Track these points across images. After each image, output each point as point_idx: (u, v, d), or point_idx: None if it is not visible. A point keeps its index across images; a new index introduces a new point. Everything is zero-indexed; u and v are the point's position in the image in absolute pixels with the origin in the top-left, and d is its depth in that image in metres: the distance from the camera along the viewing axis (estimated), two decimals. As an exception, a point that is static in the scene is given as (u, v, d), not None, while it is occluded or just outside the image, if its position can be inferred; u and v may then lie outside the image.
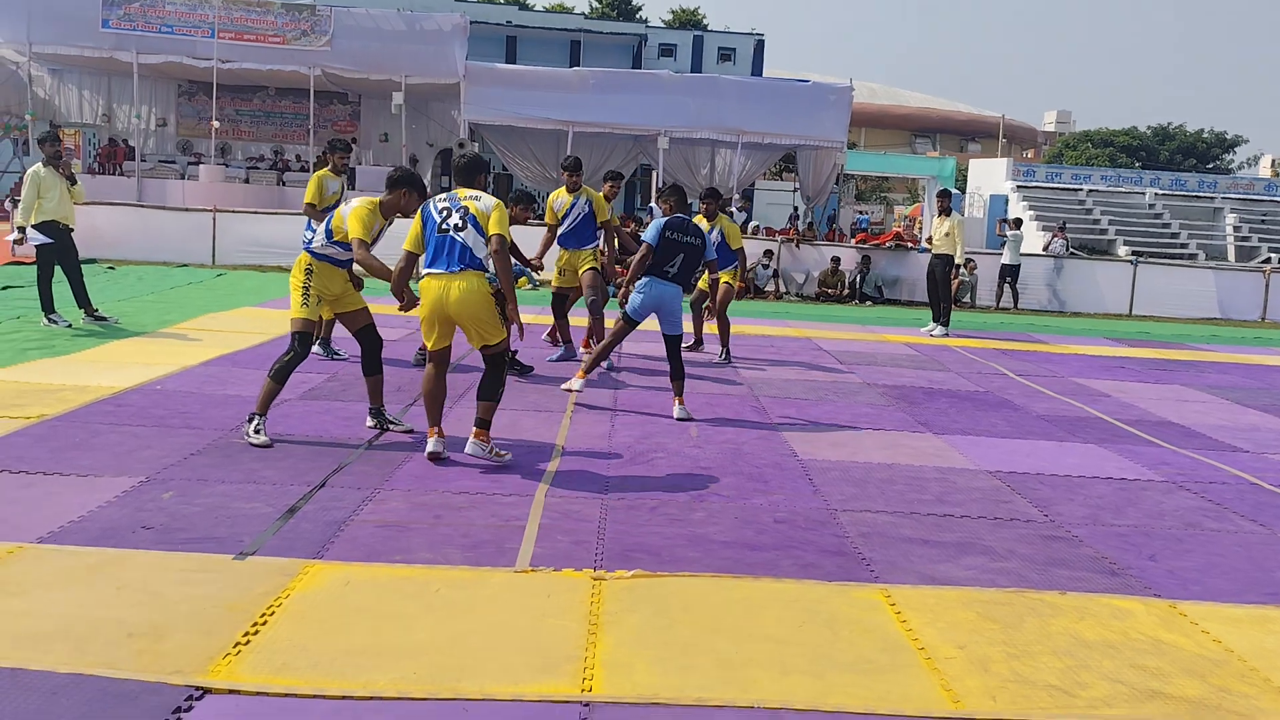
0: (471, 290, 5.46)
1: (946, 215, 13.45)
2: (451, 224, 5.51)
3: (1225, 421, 8.35)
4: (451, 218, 5.53)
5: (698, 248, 7.47)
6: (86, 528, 4.32)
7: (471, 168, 5.83)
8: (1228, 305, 19.13)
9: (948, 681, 3.37)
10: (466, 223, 5.50)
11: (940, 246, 13.38)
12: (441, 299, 5.48)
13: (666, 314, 7.37)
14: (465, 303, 5.47)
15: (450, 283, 5.46)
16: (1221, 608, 4.19)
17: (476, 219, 5.50)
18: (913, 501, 5.45)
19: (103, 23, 21.09)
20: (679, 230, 7.42)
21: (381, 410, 6.39)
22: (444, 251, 5.50)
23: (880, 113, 65.40)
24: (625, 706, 3.10)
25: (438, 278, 5.50)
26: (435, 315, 5.57)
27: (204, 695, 3.02)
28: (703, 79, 25.05)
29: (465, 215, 5.52)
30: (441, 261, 5.50)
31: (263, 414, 5.88)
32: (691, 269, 7.53)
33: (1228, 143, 57.38)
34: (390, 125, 24.76)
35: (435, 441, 5.64)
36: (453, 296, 5.46)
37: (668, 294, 7.37)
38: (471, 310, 5.50)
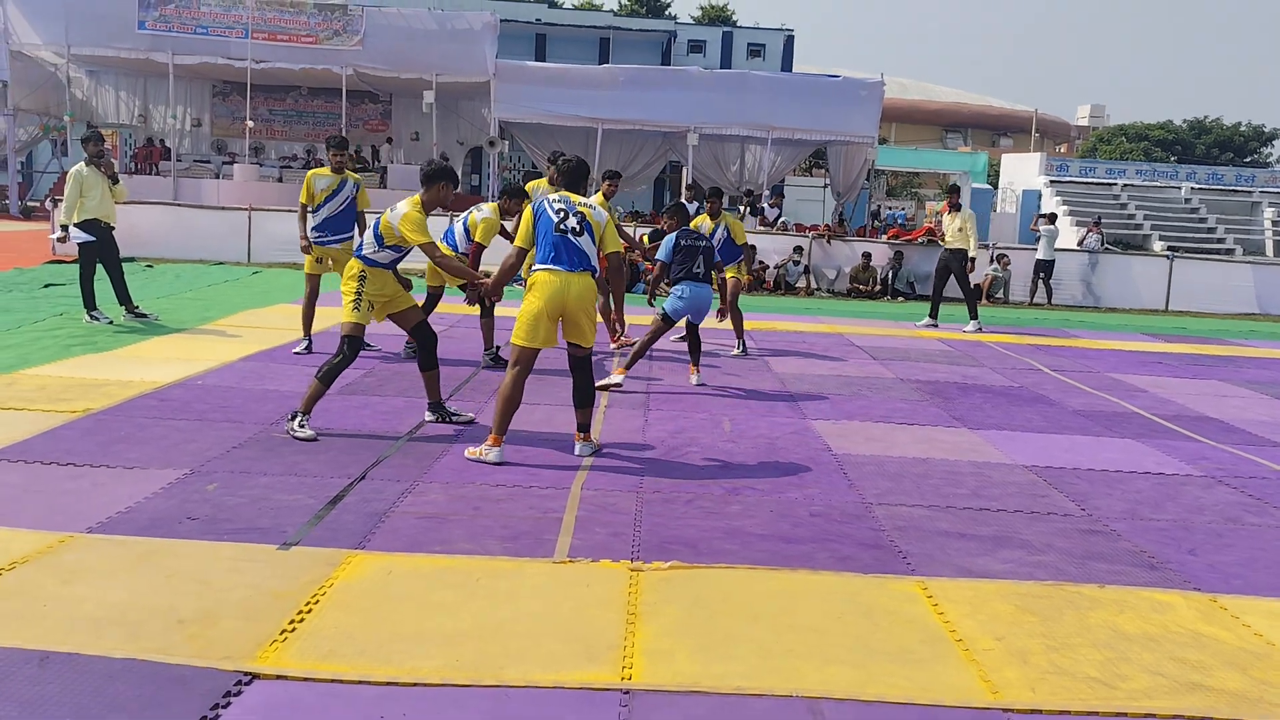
0: (589, 289, 5.72)
1: (957, 211, 13.47)
2: (570, 226, 5.70)
3: (1265, 417, 8.26)
4: (569, 220, 5.72)
5: (709, 247, 8.41)
6: (134, 518, 4.41)
7: (578, 172, 6.02)
8: (1266, 300, 18.87)
9: (986, 672, 3.38)
10: (583, 229, 5.73)
11: (954, 242, 13.33)
12: (562, 293, 5.64)
13: (699, 312, 8.29)
14: (583, 299, 5.70)
15: (570, 279, 5.65)
16: (1263, 601, 4.16)
17: (593, 228, 5.76)
18: (948, 495, 5.45)
19: (139, 24, 21.42)
20: (689, 236, 8.28)
21: (442, 404, 6.51)
22: (564, 251, 5.67)
23: (911, 108, 64.95)
24: (666, 694, 3.14)
25: (557, 273, 5.65)
26: (552, 308, 5.67)
27: (253, 680, 3.08)
28: (732, 75, 25.03)
29: (582, 222, 5.75)
30: (562, 260, 5.66)
31: (306, 413, 5.97)
32: (710, 266, 8.33)
33: (1265, 136, 56.47)
34: (421, 124, 24.96)
35: (499, 452, 5.61)
36: (573, 292, 5.65)
37: (703, 295, 8.19)
38: (586, 308, 5.74)
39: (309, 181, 8.64)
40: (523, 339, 5.69)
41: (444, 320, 11.33)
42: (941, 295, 13.78)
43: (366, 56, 21.98)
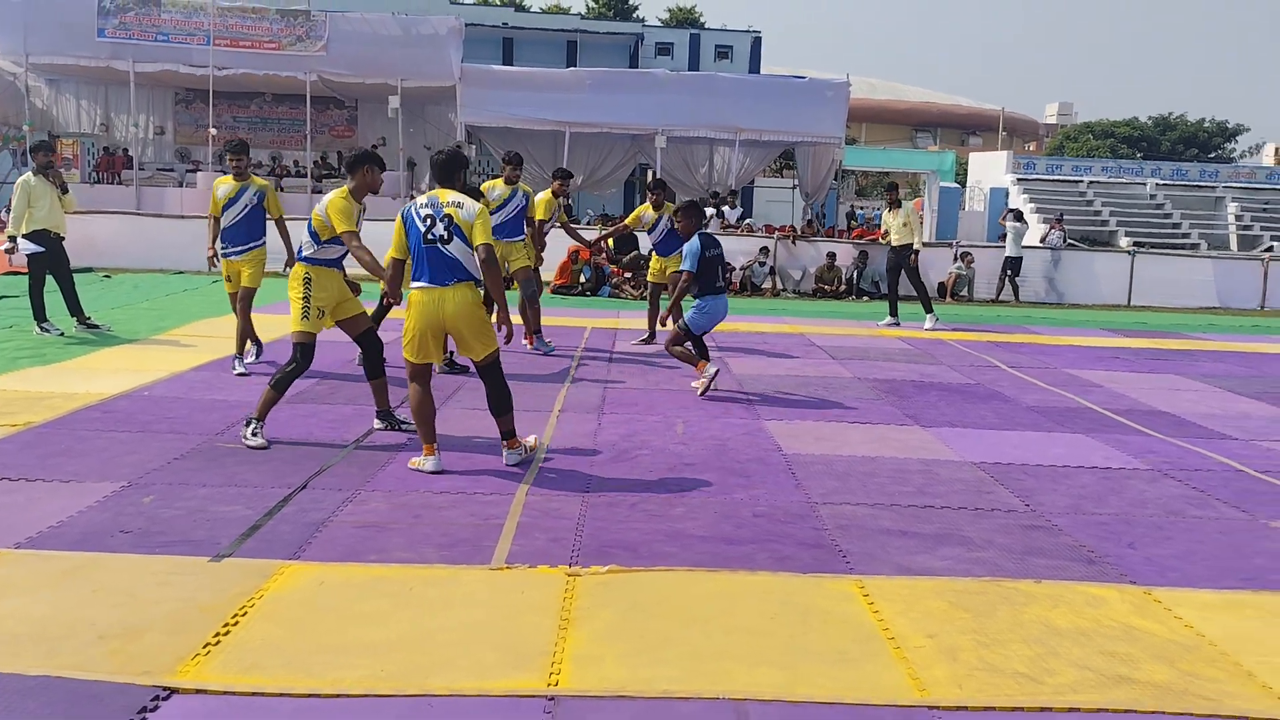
0: (467, 302, 5.42)
1: (897, 207, 13.59)
2: (437, 234, 5.38)
3: (1217, 410, 8.34)
4: (436, 227, 5.39)
5: (722, 256, 8.22)
6: (65, 532, 4.35)
7: (451, 164, 5.61)
8: (1226, 294, 19.08)
9: (915, 670, 3.38)
10: (452, 234, 5.38)
11: (900, 238, 13.39)
12: (436, 312, 5.40)
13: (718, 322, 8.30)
14: (461, 315, 5.42)
15: (444, 295, 5.39)
16: (1196, 593, 4.19)
17: (461, 230, 5.39)
18: (894, 494, 5.46)
19: (99, 32, 21.18)
20: (712, 246, 8.06)
21: (390, 412, 6.46)
22: (434, 265, 5.39)
23: (880, 108, 65.32)
24: (591, 700, 3.12)
25: (429, 291, 5.40)
26: (429, 329, 5.46)
27: (170, 695, 3.04)
28: (700, 77, 25.06)
29: (450, 225, 5.38)
30: (432, 275, 5.39)
31: (260, 419, 5.93)
32: (724, 277, 8.29)
33: (1229, 132, 57.16)
34: (387, 129, 24.80)
35: (435, 460, 5.51)
36: (448, 310, 5.40)
37: (723, 308, 8.16)
38: (468, 322, 5.45)
39: (213, 190, 8.21)
40: (409, 354, 5.55)
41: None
42: (897, 293, 13.86)
43: (330, 62, 21.82)
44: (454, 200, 5.44)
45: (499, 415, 5.72)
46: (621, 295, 16.41)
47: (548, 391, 7.93)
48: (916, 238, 13.36)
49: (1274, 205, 33.25)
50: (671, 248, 9.88)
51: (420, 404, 5.54)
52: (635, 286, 16.34)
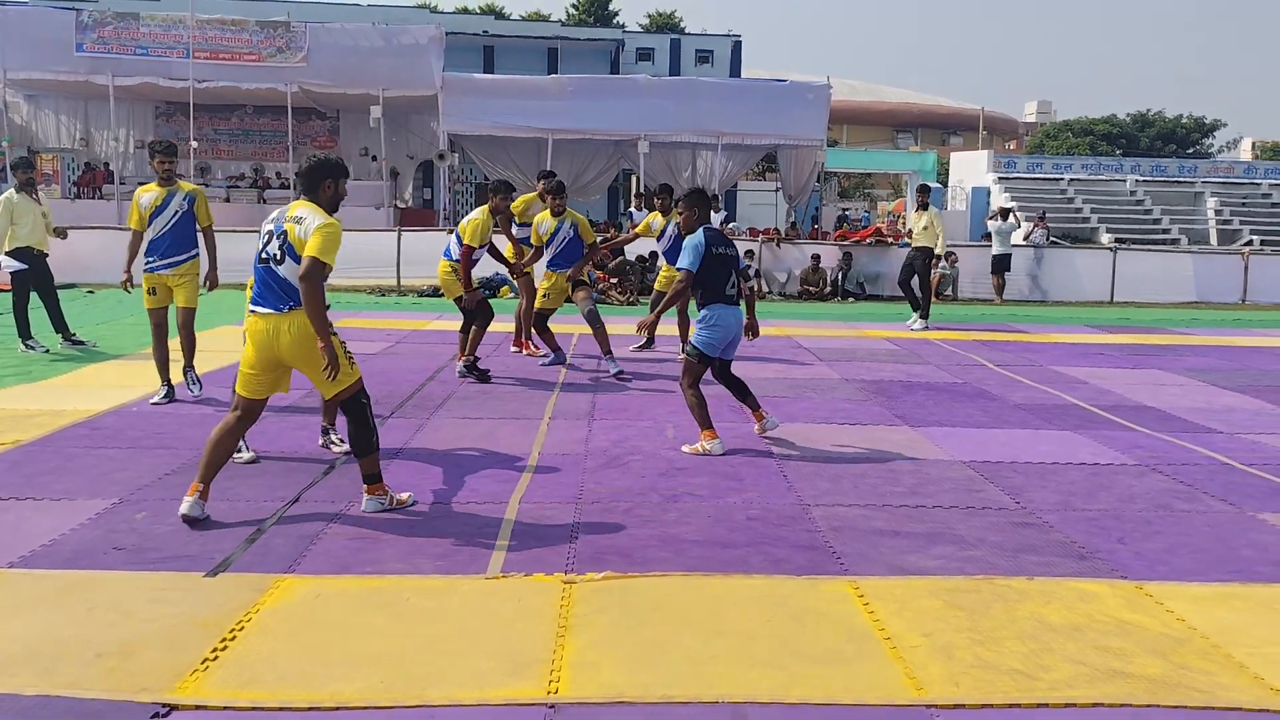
0: (306, 333, 4.67)
1: (925, 209, 13.70)
2: (271, 253, 4.71)
3: (1201, 404, 8.41)
4: (271, 244, 4.73)
5: (735, 258, 6.53)
6: (58, 551, 4.33)
7: (316, 172, 4.81)
8: (1207, 289, 19.23)
9: (911, 669, 3.41)
10: (284, 254, 4.67)
11: (920, 239, 13.55)
12: (271, 342, 4.72)
13: (736, 342, 6.54)
14: (298, 347, 4.71)
15: (280, 324, 4.70)
16: (1186, 587, 4.23)
17: (294, 248, 4.64)
18: (885, 494, 5.49)
19: (77, 47, 21.09)
20: (720, 244, 6.40)
21: (330, 430, 6.28)
22: (267, 286, 4.72)
23: (861, 109, 65.58)
24: (590, 706, 3.13)
25: (265, 318, 4.71)
26: (263, 360, 4.78)
27: (170, 712, 3.03)
28: (681, 82, 25.13)
29: (284, 244, 4.67)
30: (267, 299, 4.72)
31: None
32: (739, 285, 6.49)
33: (1207, 127, 57.66)
34: (370, 139, 24.78)
35: (192, 503, 4.68)
36: (284, 341, 4.71)
37: (737, 321, 6.46)
38: (305, 352, 4.72)
39: (135, 200, 7.42)
40: (241, 388, 4.88)
41: (391, 336, 11.27)
42: (913, 291, 13.86)
43: (311, 73, 21.79)
44: (299, 214, 4.71)
45: (358, 455, 4.93)
46: (608, 301, 16.43)
47: (537, 399, 7.94)
48: (939, 243, 13.49)
49: (1252, 200, 33.54)
50: None
51: (219, 435, 4.83)
52: (621, 293, 16.37)
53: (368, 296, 16.06)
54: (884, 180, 45.22)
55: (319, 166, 4.82)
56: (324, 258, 4.58)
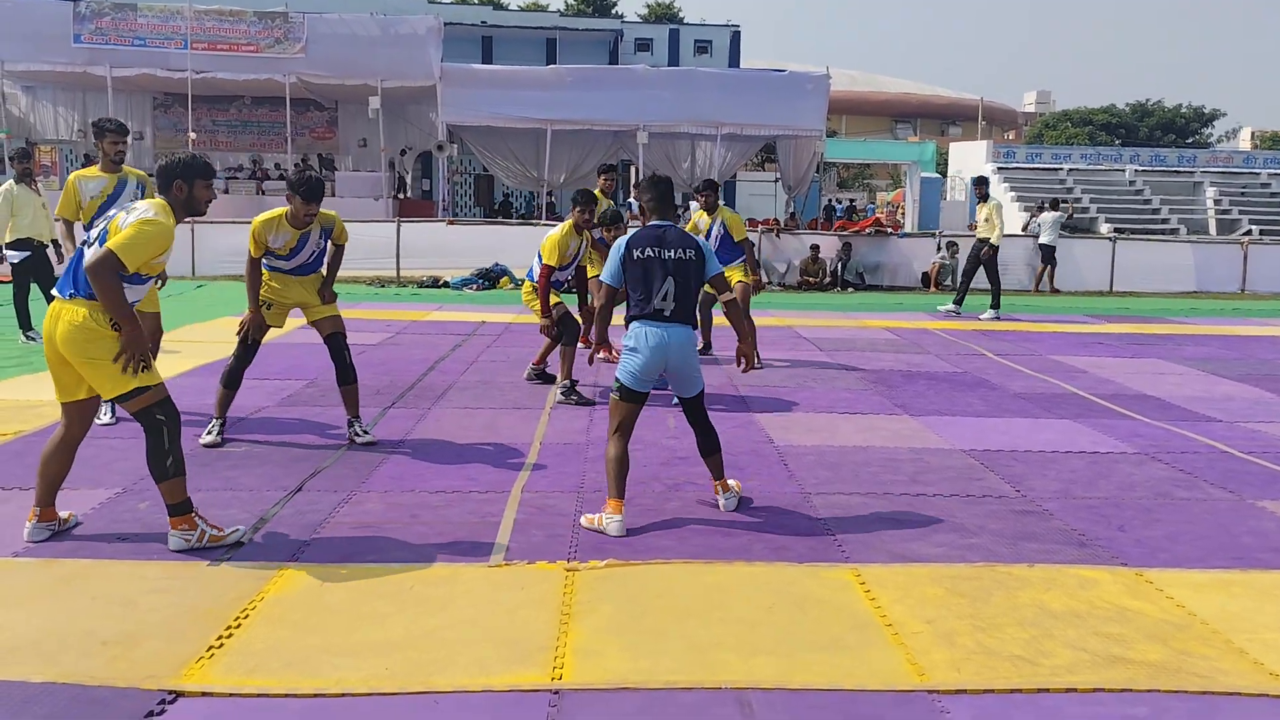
0: (77, 322, 4.07)
1: (985, 201, 13.88)
2: (92, 237, 4.23)
3: (1200, 393, 8.43)
4: (94, 229, 4.28)
5: (690, 261, 4.83)
6: (60, 541, 4.34)
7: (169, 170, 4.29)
8: (1206, 278, 19.24)
9: (913, 656, 3.42)
10: (99, 241, 4.15)
11: (981, 230, 13.81)
12: (50, 330, 4.15)
13: (675, 373, 4.90)
14: (70, 339, 4.08)
15: (61, 310, 4.13)
16: (1186, 573, 4.25)
17: (106, 235, 4.12)
18: (886, 483, 5.50)
19: (75, 38, 21.08)
20: (652, 244, 4.81)
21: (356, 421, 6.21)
22: (69, 270, 4.22)
23: (860, 100, 65.52)
24: (594, 693, 3.14)
25: (53, 304, 4.20)
26: (49, 355, 4.23)
27: (176, 699, 3.05)
28: (680, 72, 25.15)
29: (103, 231, 4.17)
30: (61, 283, 4.21)
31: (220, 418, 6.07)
32: (692, 293, 4.87)
33: (1206, 117, 57.59)
34: (368, 130, 24.77)
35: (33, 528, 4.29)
36: (59, 331, 4.11)
37: (673, 344, 4.78)
38: (76, 348, 4.08)
39: (71, 188, 6.44)
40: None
41: (391, 326, 11.28)
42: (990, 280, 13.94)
43: (309, 64, 21.79)
44: (139, 206, 4.26)
45: (156, 480, 4.29)
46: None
47: (538, 390, 7.95)
48: (996, 233, 13.54)
49: (1251, 189, 33.56)
50: (728, 256, 8.68)
51: (49, 452, 4.35)
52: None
53: (367, 288, 16.06)
54: (883, 170, 45.21)
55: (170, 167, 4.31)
56: (123, 255, 4.02)
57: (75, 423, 4.37)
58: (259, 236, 5.86)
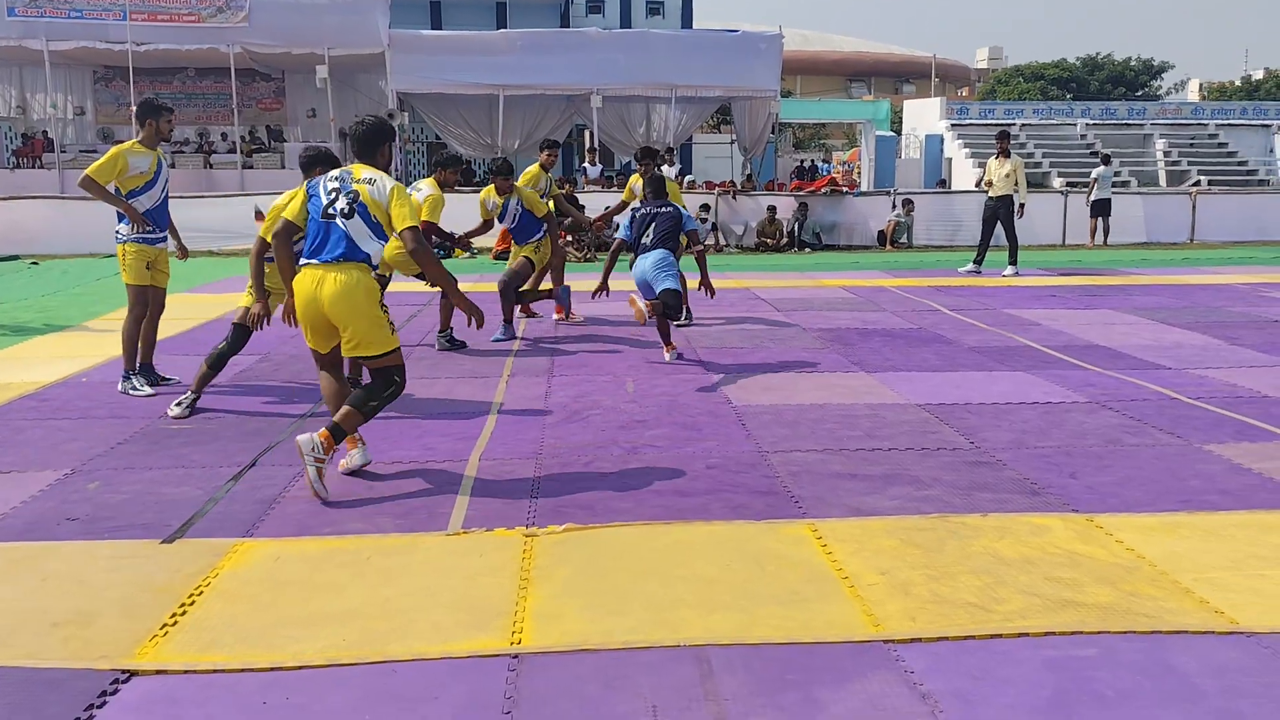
0: (352, 284, 4.59)
1: (1006, 157, 13.71)
2: (338, 208, 4.65)
3: (1150, 341, 8.57)
4: (339, 201, 4.67)
5: (669, 214, 7.77)
6: (10, 524, 4.27)
7: (372, 137, 4.81)
8: (1156, 229, 19.52)
9: (869, 607, 3.47)
10: (354, 210, 4.64)
11: (1001, 188, 13.60)
12: (314, 295, 4.62)
13: (653, 279, 7.51)
14: (340, 299, 4.58)
15: (324, 275, 4.61)
16: (1135, 518, 4.33)
17: (367, 208, 4.64)
18: (842, 439, 5.55)
19: (8, 11, 20.40)
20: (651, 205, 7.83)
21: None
22: (322, 239, 4.66)
23: (814, 59, 65.36)
24: (554, 655, 3.15)
25: (311, 269, 4.65)
26: (307, 315, 4.70)
27: (130, 678, 3.01)
28: (632, 34, 24.86)
29: (354, 201, 4.64)
30: (319, 249, 4.66)
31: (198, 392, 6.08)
32: (670, 234, 7.68)
33: (1155, 69, 58.15)
34: (317, 100, 24.29)
35: (359, 453, 4.95)
36: (326, 291, 4.59)
37: (648, 262, 7.56)
38: (348, 308, 4.60)
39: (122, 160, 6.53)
40: (309, 342, 4.90)
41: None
42: (989, 242, 13.98)
43: (254, 34, 21.27)
44: (368, 176, 4.72)
45: (348, 403, 4.72)
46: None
47: (495, 358, 7.91)
48: (1022, 190, 13.54)
49: (1200, 140, 33.99)
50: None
51: (330, 390, 4.94)
52: (578, 249, 16.28)
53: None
54: (837, 130, 45.23)
55: (376, 129, 4.81)
56: (414, 221, 4.70)
57: (336, 363, 4.93)
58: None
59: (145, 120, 6.62)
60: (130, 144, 6.67)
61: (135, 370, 6.68)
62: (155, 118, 6.63)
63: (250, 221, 17.27)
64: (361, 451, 4.98)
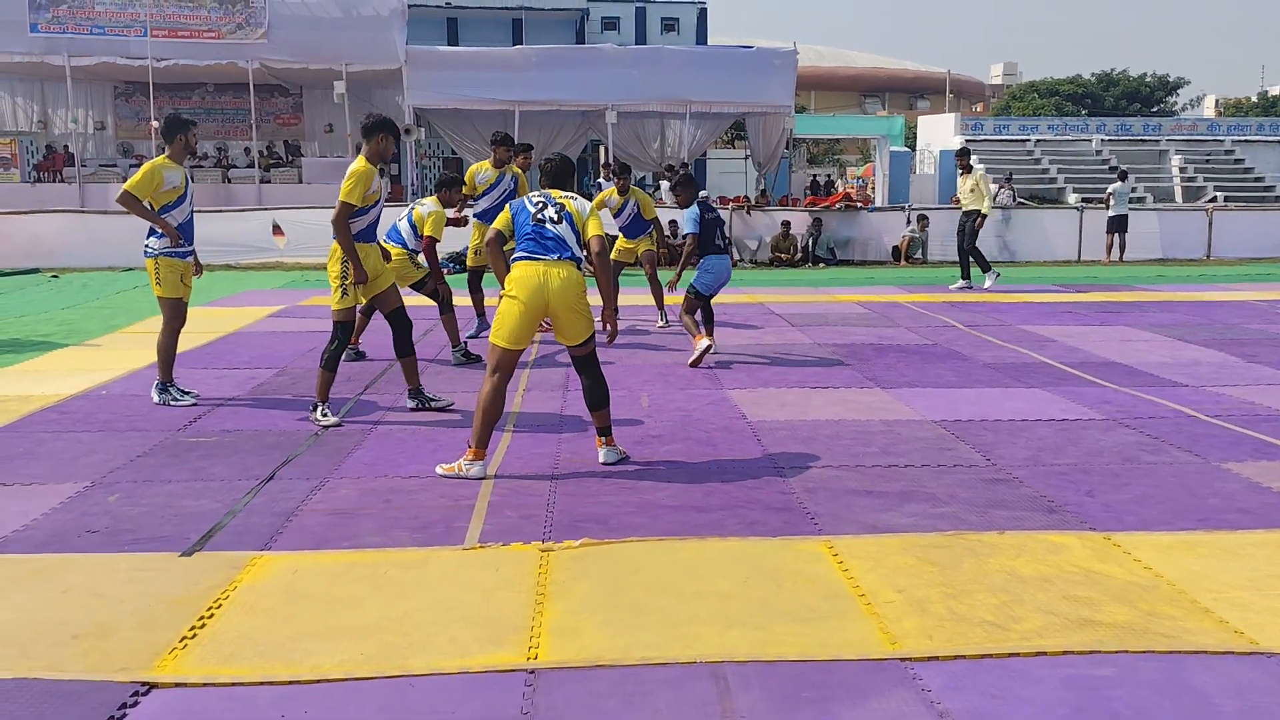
0: (572, 279, 5.20)
1: (968, 172, 13.81)
2: (548, 215, 5.29)
3: (1167, 358, 8.53)
4: (547, 210, 5.31)
5: (719, 218, 8.78)
6: (30, 535, 4.30)
7: (561, 172, 5.64)
8: (1172, 245, 19.44)
9: (886, 624, 3.46)
10: (562, 218, 5.30)
11: (968, 202, 13.70)
12: (543, 285, 5.14)
13: (722, 285, 8.63)
14: (566, 291, 5.16)
15: (550, 269, 5.17)
16: (1153, 536, 4.31)
17: (573, 217, 5.33)
18: (858, 455, 5.54)
19: (31, 27, 20.66)
20: (710, 211, 8.65)
21: (420, 390, 6.58)
22: (542, 239, 5.24)
23: (828, 75, 65.46)
24: (570, 671, 3.16)
25: (535, 262, 5.19)
26: (534, 302, 5.15)
27: (150, 690, 3.03)
28: (647, 51, 24.97)
29: (561, 211, 5.33)
30: (540, 248, 5.22)
31: (325, 401, 6.26)
32: (725, 239, 8.78)
33: (1170, 85, 57.95)
34: (334, 115, 24.47)
35: (482, 465, 5.17)
36: (554, 284, 5.15)
37: (727, 266, 8.59)
38: (571, 299, 5.18)
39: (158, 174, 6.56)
40: (501, 339, 5.21)
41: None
42: (979, 254, 14.01)
43: (272, 49, 21.46)
44: (567, 195, 5.48)
45: (595, 409, 5.42)
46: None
47: (511, 371, 7.92)
48: (986, 202, 13.56)
49: (1216, 157, 33.86)
50: (638, 231, 10.24)
51: (490, 401, 5.17)
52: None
53: (337, 274, 15.90)
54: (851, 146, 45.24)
55: (565, 165, 5.68)
56: (604, 234, 5.48)
57: (510, 370, 5.30)
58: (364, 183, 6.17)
59: (175, 135, 6.69)
60: (162, 159, 6.72)
61: (172, 381, 6.78)
62: (184, 132, 6.73)
63: (268, 236, 17.46)
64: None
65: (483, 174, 9.32)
